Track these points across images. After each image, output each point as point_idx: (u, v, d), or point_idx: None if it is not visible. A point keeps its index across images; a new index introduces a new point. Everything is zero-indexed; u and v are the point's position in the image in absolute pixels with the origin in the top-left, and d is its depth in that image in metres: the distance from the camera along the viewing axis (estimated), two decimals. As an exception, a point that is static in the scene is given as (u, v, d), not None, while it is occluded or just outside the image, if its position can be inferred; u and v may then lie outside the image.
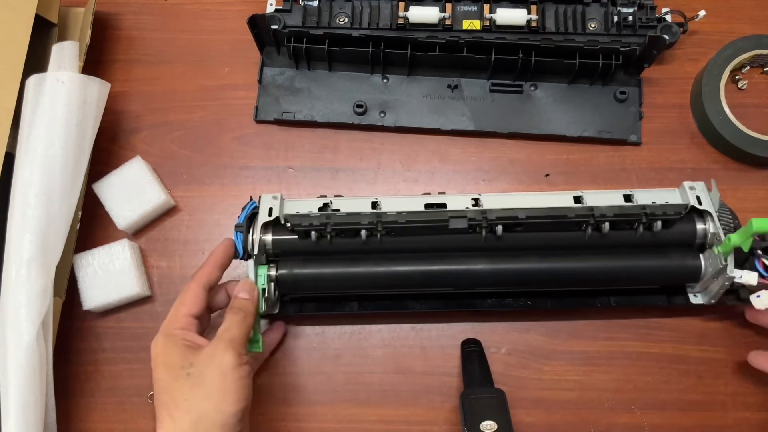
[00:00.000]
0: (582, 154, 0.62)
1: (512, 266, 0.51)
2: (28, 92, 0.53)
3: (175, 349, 0.44)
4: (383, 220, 0.50)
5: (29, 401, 0.47)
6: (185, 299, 0.46)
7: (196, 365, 0.42)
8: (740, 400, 0.54)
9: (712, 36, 0.65)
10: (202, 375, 0.42)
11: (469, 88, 0.62)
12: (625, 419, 0.54)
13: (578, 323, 0.56)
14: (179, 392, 0.42)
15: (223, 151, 0.62)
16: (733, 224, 0.51)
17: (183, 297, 0.47)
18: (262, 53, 0.63)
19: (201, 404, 0.41)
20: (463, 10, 0.63)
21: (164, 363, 0.43)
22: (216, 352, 0.43)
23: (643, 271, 0.51)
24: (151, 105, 0.63)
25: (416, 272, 0.51)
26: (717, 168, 0.61)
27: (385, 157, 0.62)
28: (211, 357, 0.43)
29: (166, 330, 0.45)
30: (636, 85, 0.62)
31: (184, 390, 0.42)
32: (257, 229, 0.50)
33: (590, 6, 0.63)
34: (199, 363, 0.43)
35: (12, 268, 0.49)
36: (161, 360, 0.44)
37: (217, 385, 0.42)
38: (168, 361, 0.43)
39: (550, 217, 0.50)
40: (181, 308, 0.46)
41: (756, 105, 0.63)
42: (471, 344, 0.54)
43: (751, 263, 0.50)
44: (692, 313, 0.56)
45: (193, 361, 0.43)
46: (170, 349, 0.44)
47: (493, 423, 0.44)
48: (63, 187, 0.51)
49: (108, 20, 0.66)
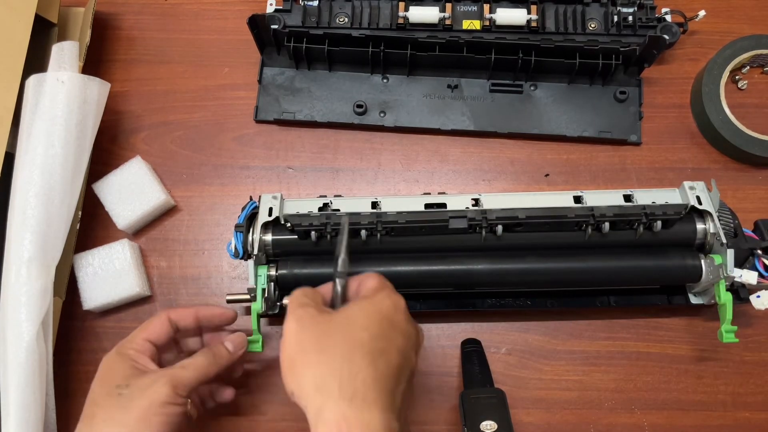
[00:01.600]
0: (582, 154, 0.62)
1: (512, 266, 0.51)
2: (28, 92, 0.53)
3: (120, 367, 0.43)
4: (383, 220, 0.50)
5: (29, 401, 0.46)
6: (148, 325, 0.46)
7: (131, 388, 0.41)
8: (740, 400, 0.54)
9: (712, 36, 0.65)
10: (131, 399, 0.41)
11: (469, 88, 0.62)
12: (625, 419, 0.54)
13: (578, 323, 0.56)
14: (103, 409, 0.41)
15: (223, 151, 0.62)
16: (733, 224, 0.51)
17: (147, 323, 0.46)
18: (262, 53, 0.63)
19: (116, 428, 0.40)
20: (463, 10, 0.63)
21: (103, 377, 0.43)
22: (154, 383, 0.42)
23: (643, 271, 0.51)
24: (151, 105, 0.63)
25: (416, 272, 0.51)
26: (717, 168, 0.61)
27: (385, 157, 0.62)
28: (148, 385, 0.41)
29: (121, 348, 0.45)
30: (636, 85, 0.62)
31: (109, 409, 0.41)
32: (257, 229, 0.50)
33: (590, 6, 0.63)
34: (134, 387, 0.42)
35: (12, 268, 0.49)
36: (102, 374, 0.43)
37: (139, 414, 0.40)
38: (107, 377, 0.43)
39: (550, 217, 0.50)
40: (142, 332, 0.45)
41: (756, 105, 0.63)
42: (471, 344, 0.54)
43: (751, 263, 0.50)
44: (692, 313, 0.56)
45: (131, 384, 0.42)
46: (116, 365, 0.43)
47: (493, 423, 0.44)
48: (63, 187, 0.51)
49: (108, 20, 0.66)
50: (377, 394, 0.36)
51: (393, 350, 0.39)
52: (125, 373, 0.43)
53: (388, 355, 0.38)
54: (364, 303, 0.40)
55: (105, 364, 0.44)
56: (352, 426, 0.35)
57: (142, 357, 0.44)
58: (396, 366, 0.38)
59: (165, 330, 0.46)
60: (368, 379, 0.36)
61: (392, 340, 0.39)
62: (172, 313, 0.47)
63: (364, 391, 0.36)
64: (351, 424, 0.35)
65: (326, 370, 0.37)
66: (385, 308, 0.40)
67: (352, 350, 0.37)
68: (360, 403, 0.36)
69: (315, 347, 0.38)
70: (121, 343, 0.45)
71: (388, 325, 0.39)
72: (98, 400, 0.42)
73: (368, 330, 0.38)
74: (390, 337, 0.39)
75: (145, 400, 0.41)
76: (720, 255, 0.50)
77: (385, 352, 0.38)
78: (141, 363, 0.44)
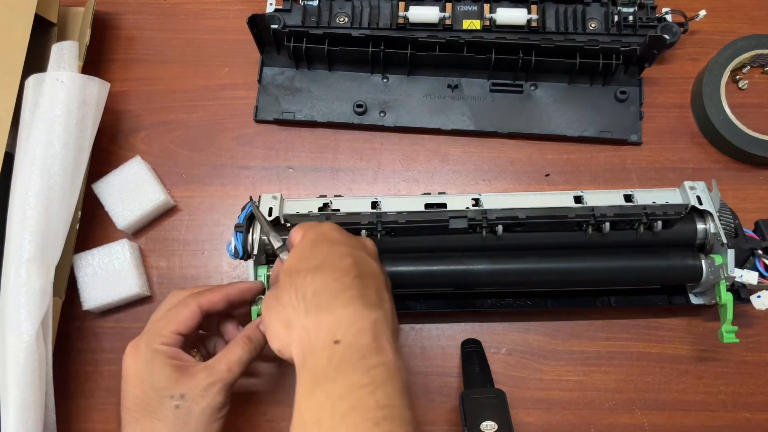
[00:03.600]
0: (582, 154, 0.61)
1: (512, 266, 0.51)
2: (27, 92, 0.53)
3: (159, 367, 0.41)
4: (383, 220, 0.49)
5: (29, 401, 0.46)
6: (177, 316, 0.43)
7: (187, 399, 0.40)
8: (740, 400, 0.54)
9: (712, 36, 0.65)
10: (189, 413, 0.40)
11: (469, 88, 0.62)
12: (625, 419, 0.54)
13: (578, 323, 0.56)
14: (161, 422, 0.40)
15: (222, 150, 0.62)
16: (733, 224, 0.51)
17: (175, 312, 0.43)
18: (262, 53, 0.63)
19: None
20: (463, 10, 0.63)
21: (143, 379, 0.41)
22: (209, 392, 0.41)
23: (644, 271, 0.51)
24: (150, 105, 0.63)
25: (416, 272, 0.50)
26: (717, 168, 0.61)
27: (385, 157, 0.62)
28: (203, 396, 0.41)
29: (151, 343, 0.42)
30: (636, 85, 0.62)
31: (167, 421, 0.40)
32: (257, 229, 0.50)
33: (590, 6, 0.63)
34: (189, 398, 0.40)
35: (12, 268, 0.49)
36: (140, 375, 0.41)
37: (199, 426, 0.40)
38: (154, 382, 0.41)
39: (550, 217, 0.50)
40: (170, 324, 0.43)
41: (756, 105, 0.63)
42: (471, 344, 0.54)
43: (751, 263, 0.50)
44: (692, 313, 0.56)
45: (185, 393, 0.40)
46: (154, 366, 0.41)
47: (493, 423, 0.44)
48: (63, 187, 0.51)
49: (108, 20, 0.66)
50: (332, 296, 0.37)
51: (333, 257, 0.40)
52: (168, 375, 0.41)
53: (330, 263, 0.39)
54: (295, 248, 0.42)
55: (138, 363, 0.42)
56: (310, 332, 0.36)
57: (178, 353, 0.42)
58: (345, 267, 0.39)
59: (195, 320, 0.43)
60: (318, 289, 0.38)
61: (328, 251, 0.40)
62: (202, 300, 0.44)
63: (316, 301, 0.37)
64: (309, 330, 0.36)
65: (284, 311, 0.38)
66: (311, 236, 0.42)
67: (293, 279, 0.39)
68: (315, 310, 0.37)
69: (274, 303, 0.40)
70: (150, 337, 0.42)
71: (319, 241, 0.41)
72: (152, 407, 0.40)
73: (301, 256, 0.40)
74: (323, 249, 0.40)
75: (205, 414, 0.41)
76: (720, 255, 0.50)
77: (325, 261, 0.39)
78: (180, 360, 0.42)
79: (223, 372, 0.42)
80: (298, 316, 0.37)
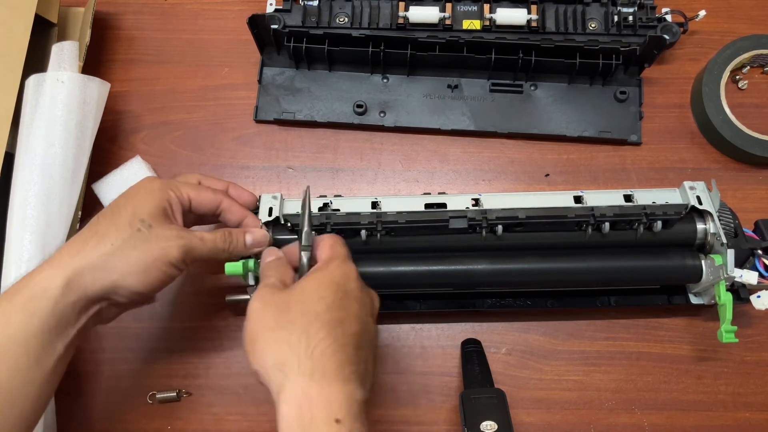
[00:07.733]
0: (582, 154, 0.61)
1: (512, 266, 0.51)
2: (27, 92, 0.53)
3: (156, 200, 0.43)
4: (383, 220, 0.50)
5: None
6: (205, 193, 0.46)
7: (151, 232, 0.42)
8: (740, 400, 0.54)
9: (712, 36, 0.65)
10: (144, 241, 0.41)
11: (469, 88, 0.62)
12: (625, 419, 0.54)
13: (578, 323, 0.56)
14: (115, 229, 0.41)
15: (222, 150, 0.62)
16: (733, 224, 0.51)
17: (204, 190, 0.46)
18: (262, 53, 0.63)
19: (117, 257, 0.41)
20: (463, 10, 0.63)
21: (137, 198, 0.43)
22: (170, 240, 0.42)
23: (644, 271, 0.51)
24: (150, 105, 0.63)
25: (416, 272, 0.51)
26: (717, 168, 0.61)
27: (385, 157, 0.62)
28: (164, 240, 0.42)
29: (170, 185, 0.45)
30: (636, 85, 0.62)
31: (120, 234, 0.41)
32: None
33: (590, 6, 0.63)
34: (153, 232, 0.42)
35: (12, 268, 0.49)
36: (139, 193, 0.43)
37: (142, 258, 0.41)
38: (142, 201, 0.43)
39: (550, 217, 0.50)
40: (192, 191, 0.45)
41: (756, 105, 0.63)
42: (471, 344, 0.54)
43: (751, 263, 0.50)
44: (692, 313, 0.56)
45: (153, 226, 0.42)
46: (155, 195, 0.43)
47: (493, 423, 0.44)
48: (63, 186, 0.51)
49: (108, 20, 0.66)
50: (337, 366, 0.37)
51: (349, 319, 0.39)
52: (154, 212, 0.42)
53: (345, 324, 0.38)
54: (317, 274, 0.41)
55: (148, 185, 0.44)
56: (312, 401, 0.35)
57: (178, 207, 0.44)
58: (354, 334, 0.38)
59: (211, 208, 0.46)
60: (327, 351, 0.37)
61: (347, 309, 0.39)
62: (203, 179, 0.48)
63: (323, 364, 0.36)
64: (312, 399, 0.35)
65: (285, 347, 0.37)
66: (337, 278, 0.40)
67: (308, 324, 0.38)
68: (320, 376, 0.36)
69: (274, 325, 0.38)
70: (171, 182, 0.45)
71: (342, 295, 0.40)
72: (117, 215, 0.42)
73: (323, 301, 0.39)
74: (344, 306, 0.39)
75: (154, 252, 0.41)
76: (720, 255, 0.50)
77: (342, 321, 0.38)
78: (173, 211, 0.44)
79: (194, 238, 0.43)
80: (302, 373, 0.36)
